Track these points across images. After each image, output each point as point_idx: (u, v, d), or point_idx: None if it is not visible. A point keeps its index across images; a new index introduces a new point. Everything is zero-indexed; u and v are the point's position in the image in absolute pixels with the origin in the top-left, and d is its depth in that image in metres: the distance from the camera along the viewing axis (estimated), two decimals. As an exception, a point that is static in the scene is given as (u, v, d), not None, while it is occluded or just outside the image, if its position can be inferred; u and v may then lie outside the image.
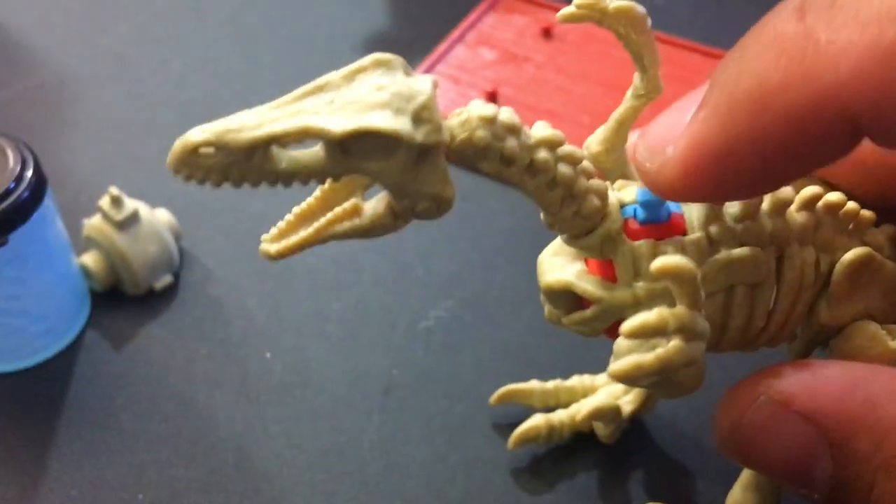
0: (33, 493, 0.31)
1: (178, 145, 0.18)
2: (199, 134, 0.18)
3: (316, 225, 0.20)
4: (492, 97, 0.44)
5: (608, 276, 0.22)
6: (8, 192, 0.30)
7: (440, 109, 0.19)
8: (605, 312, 0.22)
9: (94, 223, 0.36)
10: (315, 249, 0.42)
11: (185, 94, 0.48)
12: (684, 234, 0.21)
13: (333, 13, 0.52)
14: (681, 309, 0.19)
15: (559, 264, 0.23)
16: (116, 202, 0.35)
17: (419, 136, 0.18)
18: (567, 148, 0.20)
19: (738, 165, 0.18)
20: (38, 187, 0.32)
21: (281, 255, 0.20)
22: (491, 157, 0.19)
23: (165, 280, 0.37)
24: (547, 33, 0.48)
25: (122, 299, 0.37)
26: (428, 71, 0.46)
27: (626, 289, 0.21)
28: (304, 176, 0.18)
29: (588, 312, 0.22)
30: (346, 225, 0.19)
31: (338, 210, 0.19)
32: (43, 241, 0.33)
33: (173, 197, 0.40)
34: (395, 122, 0.17)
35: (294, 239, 0.20)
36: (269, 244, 0.20)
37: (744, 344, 0.23)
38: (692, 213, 0.22)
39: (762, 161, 0.17)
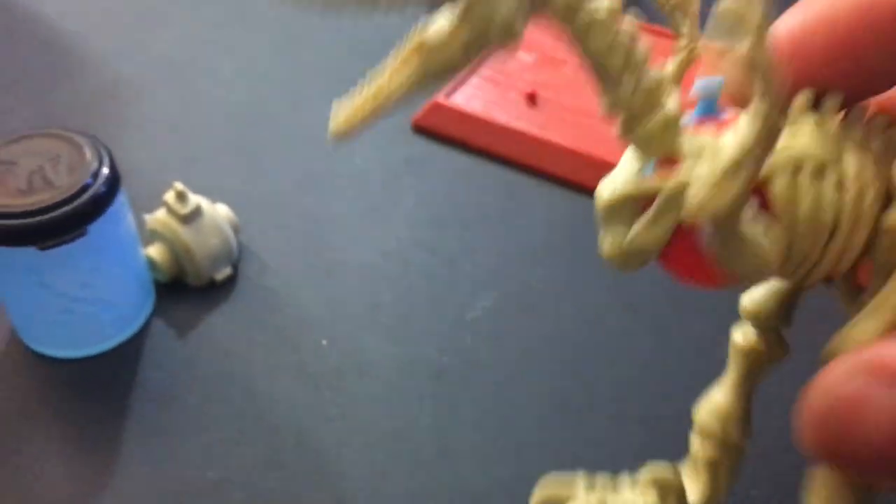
0: (108, 469, 0.33)
1: None
2: None
3: (377, 82, 0.18)
4: (531, 99, 0.46)
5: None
6: (87, 187, 0.33)
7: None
8: (670, 201, 0.20)
9: (159, 217, 0.38)
10: (364, 243, 0.43)
11: (234, 96, 0.50)
12: None
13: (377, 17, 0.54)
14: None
15: (615, 177, 0.21)
16: (181, 197, 0.37)
17: None
18: (627, 23, 0.19)
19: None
20: (114, 182, 0.34)
21: (346, 129, 0.18)
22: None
23: (225, 272, 0.39)
24: (584, 37, 0.50)
25: (184, 289, 0.39)
26: (470, 74, 0.48)
27: (691, 172, 0.19)
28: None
29: (652, 208, 0.20)
30: (412, 68, 0.18)
31: (398, 59, 0.18)
32: (116, 234, 0.35)
33: (229, 192, 0.42)
34: None
35: (353, 108, 0.18)
36: (334, 118, 0.18)
37: (811, 259, 0.22)
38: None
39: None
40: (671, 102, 0.20)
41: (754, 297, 0.24)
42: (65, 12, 0.55)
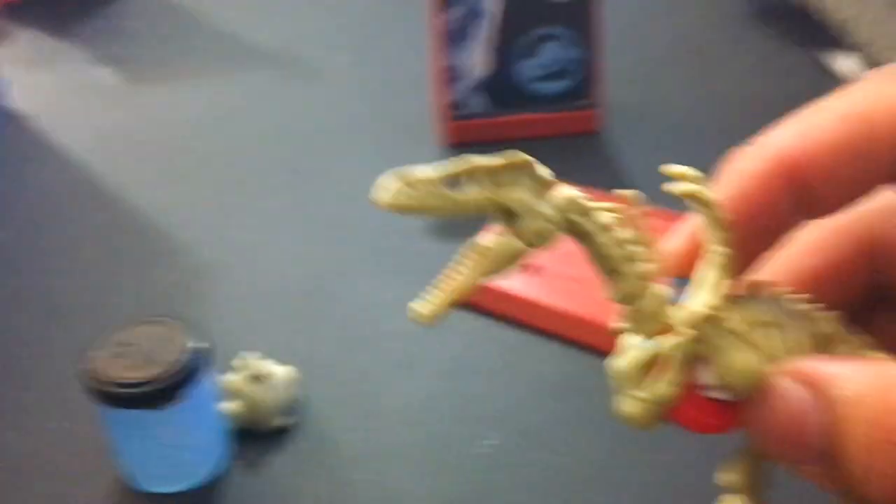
0: (198, 582, 0.43)
1: (392, 182, 0.22)
2: (394, 179, 0.22)
3: (459, 277, 0.22)
4: (531, 268, 0.57)
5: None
6: (185, 363, 0.43)
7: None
8: (686, 356, 0.23)
9: (235, 379, 0.49)
10: (396, 393, 0.53)
11: (292, 272, 0.61)
12: None
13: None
14: None
15: (623, 353, 0.24)
16: (253, 363, 0.48)
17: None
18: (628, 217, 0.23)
19: None
20: (205, 357, 0.45)
21: (432, 316, 0.22)
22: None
23: (288, 421, 0.49)
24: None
25: (255, 436, 0.49)
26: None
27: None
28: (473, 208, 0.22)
29: (672, 365, 0.23)
30: (478, 267, 0.22)
31: (467, 261, 0.22)
32: (205, 396, 0.45)
33: (293, 354, 0.53)
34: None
35: (440, 296, 0.22)
36: (420, 307, 0.22)
37: None
38: None
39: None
40: (658, 287, 0.24)
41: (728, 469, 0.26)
42: (156, 205, 0.68)
